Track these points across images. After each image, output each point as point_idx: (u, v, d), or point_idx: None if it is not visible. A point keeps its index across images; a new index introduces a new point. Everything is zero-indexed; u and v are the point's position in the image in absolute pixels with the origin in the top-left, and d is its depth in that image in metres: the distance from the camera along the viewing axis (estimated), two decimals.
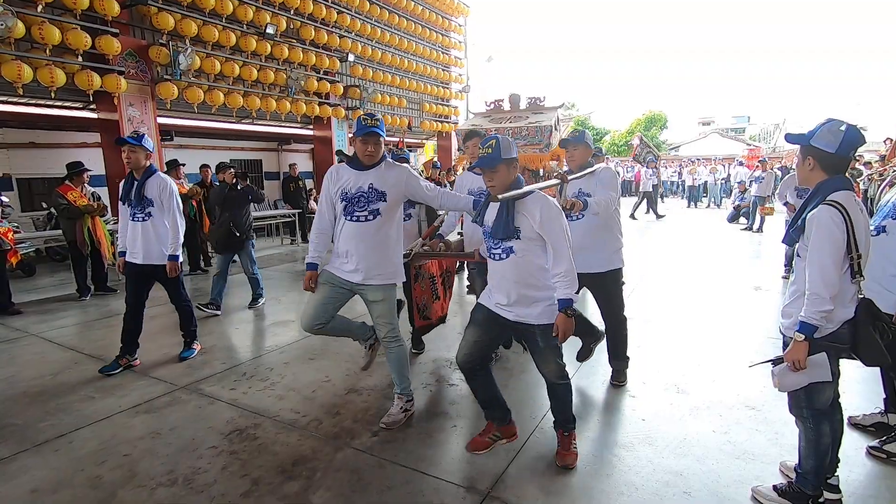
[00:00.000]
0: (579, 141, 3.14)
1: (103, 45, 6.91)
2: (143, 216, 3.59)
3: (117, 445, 2.68)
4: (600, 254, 3.14)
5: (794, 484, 2.11)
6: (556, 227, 2.24)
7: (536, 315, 2.32)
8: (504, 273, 2.34)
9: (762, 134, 41.50)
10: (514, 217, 2.26)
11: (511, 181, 2.29)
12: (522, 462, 2.48)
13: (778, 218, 12.09)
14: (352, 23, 11.20)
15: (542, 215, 2.23)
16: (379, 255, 2.73)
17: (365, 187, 2.69)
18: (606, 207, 2.98)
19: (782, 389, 2.02)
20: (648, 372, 3.52)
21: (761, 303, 5.22)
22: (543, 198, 2.30)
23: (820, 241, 1.84)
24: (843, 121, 1.90)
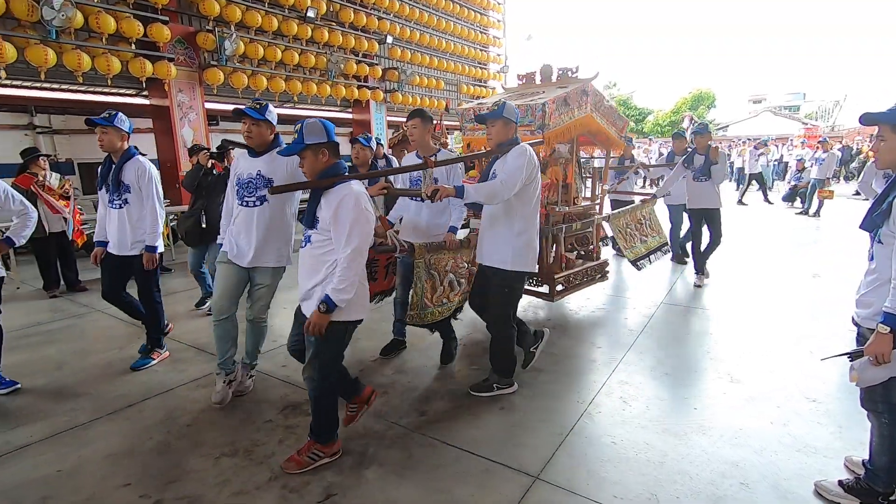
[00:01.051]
0: (496, 116, 2.74)
1: (154, 32, 7.14)
2: (119, 203, 3.27)
3: (181, 416, 2.84)
4: (493, 247, 2.83)
5: (862, 480, 2.02)
6: (344, 222, 2.12)
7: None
8: (305, 261, 2.32)
9: (819, 112, 38.95)
10: (317, 207, 2.22)
11: (321, 168, 2.23)
12: (571, 446, 2.47)
13: (839, 202, 11.39)
14: (390, 4, 11.13)
15: (337, 208, 2.13)
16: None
17: (252, 175, 2.84)
18: (491, 196, 2.64)
19: (861, 384, 1.90)
20: (700, 360, 3.43)
21: (819, 291, 4.96)
22: (348, 190, 2.17)
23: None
24: None
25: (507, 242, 2.77)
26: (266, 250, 2.90)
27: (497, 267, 2.80)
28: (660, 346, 3.67)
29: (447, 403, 2.92)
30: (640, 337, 3.86)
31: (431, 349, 3.72)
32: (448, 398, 2.98)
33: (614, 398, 2.93)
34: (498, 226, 2.81)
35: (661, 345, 3.71)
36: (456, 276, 3.31)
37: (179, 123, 8.03)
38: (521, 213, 2.77)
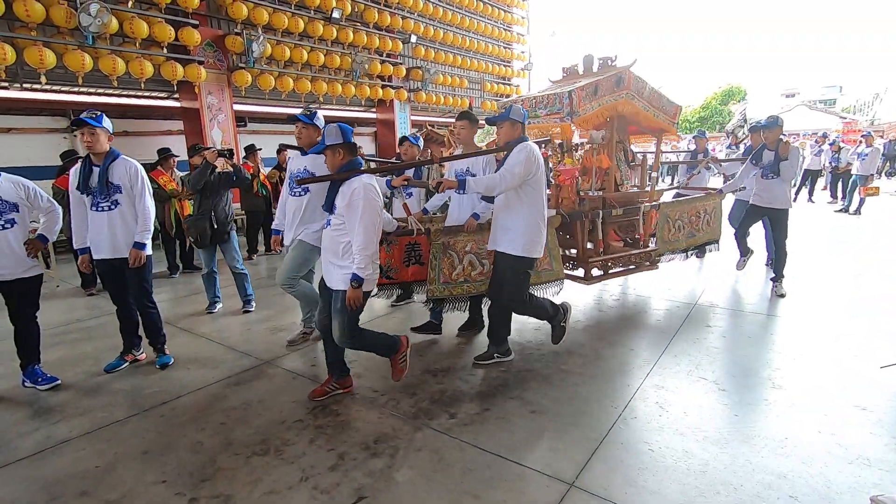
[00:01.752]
0: (503, 118, 3.08)
1: (185, 36, 7.31)
2: (108, 205, 3.19)
3: (213, 414, 2.87)
4: (505, 236, 3.12)
5: None
6: (356, 209, 2.55)
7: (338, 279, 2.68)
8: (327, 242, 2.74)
9: (858, 105, 37.39)
10: (335, 196, 2.65)
11: (339, 164, 2.67)
12: (606, 453, 2.40)
13: (881, 199, 10.88)
14: (414, 3, 11.14)
15: (350, 196, 2.57)
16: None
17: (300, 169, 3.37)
18: (489, 188, 2.92)
19: None
20: (739, 364, 3.30)
21: (862, 292, 4.73)
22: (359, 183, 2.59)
23: None
24: None
25: (518, 231, 3.05)
26: (304, 230, 3.43)
27: (510, 253, 3.08)
28: (696, 349, 3.55)
29: (477, 406, 2.88)
30: (674, 339, 3.74)
31: (461, 351, 3.68)
32: (478, 400, 2.94)
33: (650, 403, 2.84)
34: (509, 216, 3.09)
35: (697, 348, 3.58)
36: (477, 256, 3.58)
37: (209, 125, 8.20)
38: (528, 205, 3.04)
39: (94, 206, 3.22)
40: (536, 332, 3.98)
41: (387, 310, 4.74)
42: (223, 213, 4.61)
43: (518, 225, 3.05)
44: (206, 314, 4.72)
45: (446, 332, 4.03)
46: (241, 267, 4.75)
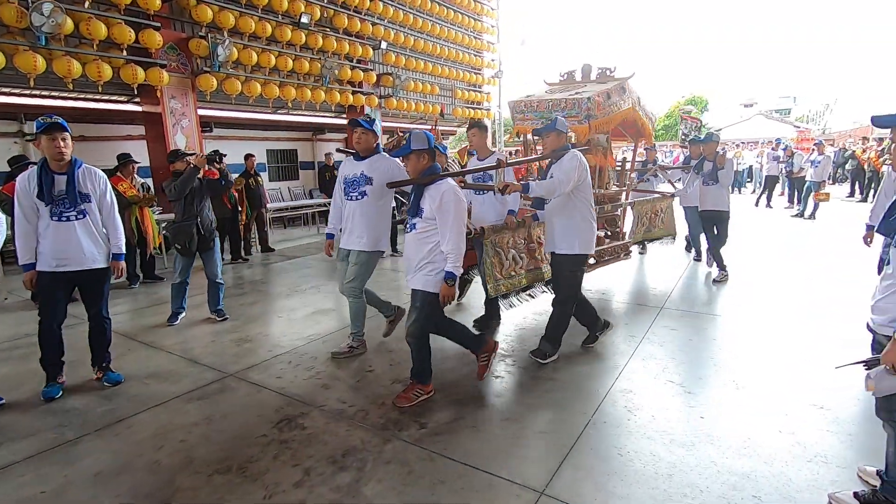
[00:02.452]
0: (550, 129, 3.36)
1: (146, 38, 7.07)
2: (76, 214, 3.03)
3: (173, 431, 2.74)
4: (562, 237, 3.36)
5: (879, 492, 1.96)
6: (450, 211, 2.66)
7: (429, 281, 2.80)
8: (413, 245, 2.84)
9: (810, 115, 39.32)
10: (421, 199, 2.78)
11: (422, 168, 2.78)
12: (576, 459, 2.40)
13: (833, 204, 11.42)
14: (384, 10, 11.11)
15: (440, 199, 2.68)
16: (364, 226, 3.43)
17: (357, 174, 3.42)
18: (549, 191, 3.19)
19: (878, 394, 1.84)
20: (704, 366, 3.37)
21: (817, 295, 4.92)
22: (447, 186, 2.75)
23: None
24: None
25: (574, 231, 3.31)
26: (362, 235, 3.43)
27: (566, 253, 3.33)
28: (663, 353, 3.62)
29: (448, 415, 2.84)
30: (642, 343, 3.80)
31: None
32: (449, 409, 2.91)
33: (619, 407, 2.87)
34: (563, 219, 3.33)
35: (665, 351, 3.65)
36: (517, 251, 3.81)
37: (172, 130, 7.95)
38: (580, 207, 3.31)
39: (57, 217, 3.01)
40: (507, 339, 3.98)
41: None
42: (208, 219, 4.52)
43: (573, 225, 3.31)
44: (167, 326, 4.53)
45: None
46: (221, 277, 4.65)
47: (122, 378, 3.38)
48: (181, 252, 4.43)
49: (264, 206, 8.26)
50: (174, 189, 4.28)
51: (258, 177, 8.17)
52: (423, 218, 2.74)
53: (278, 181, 12.48)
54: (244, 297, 5.50)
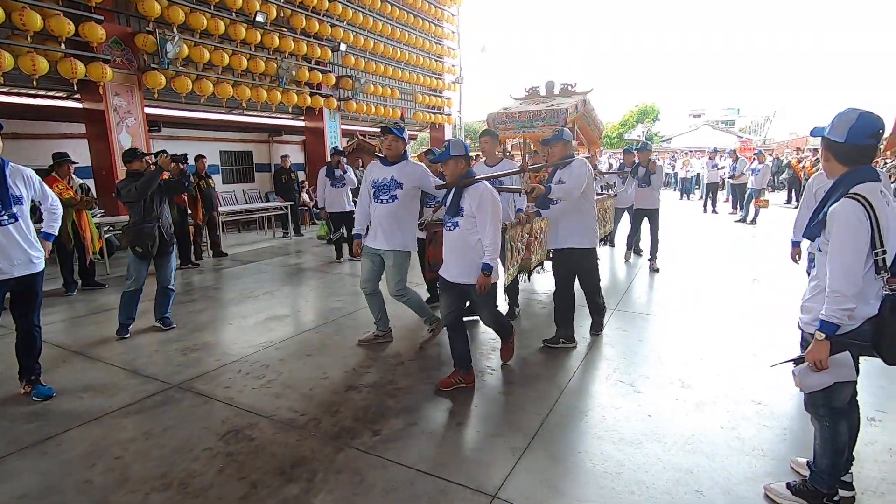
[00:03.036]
0: (557, 139, 3.77)
1: (87, 31, 6.71)
2: (7, 218, 2.87)
3: (108, 447, 2.58)
4: (569, 233, 3.76)
5: (808, 482, 2.07)
6: (487, 210, 2.94)
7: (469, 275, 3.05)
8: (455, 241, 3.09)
9: (752, 126, 41.71)
10: (460, 200, 3.03)
11: (460, 172, 3.04)
12: (529, 462, 2.42)
13: (773, 210, 12.14)
14: (343, 11, 10.99)
15: (480, 200, 2.96)
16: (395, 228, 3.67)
17: (387, 179, 3.63)
18: (567, 194, 3.57)
19: (805, 390, 1.95)
20: (652, 367, 3.48)
21: (760, 296, 5.20)
22: (485, 187, 3.03)
23: (842, 237, 1.75)
24: (858, 109, 1.80)
25: (585, 228, 3.74)
26: (394, 237, 3.64)
27: (579, 248, 3.75)
28: (614, 354, 3.71)
29: (402, 421, 2.81)
30: (593, 345, 3.89)
31: (386, 364, 3.60)
32: (404, 415, 2.87)
33: (571, 408, 2.92)
34: (574, 218, 3.73)
35: (616, 352, 3.75)
36: (522, 244, 4.04)
37: (116, 129, 7.56)
38: (587, 208, 3.74)
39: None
40: None
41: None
42: (167, 221, 4.34)
43: (584, 223, 3.74)
44: (108, 337, 4.28)
45: (377, 349, 3.94)
46: (173, 283, 4.45)
47: (52, 392, 3.15)
48: (141, 256, 4.17)
49: (216, 210, 7.97)
50: (135, 190, 4.03)
51: (210, 179, 7.88)
52: (465, 216, 3.01)
53: (232, 183, 12.09)
54: (193, 305, 5.27)
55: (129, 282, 4.19)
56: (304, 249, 8.61)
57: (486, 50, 20.54)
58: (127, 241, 4.17)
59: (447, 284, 3.14)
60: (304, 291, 5.82)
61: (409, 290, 3.85)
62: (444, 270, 3.16)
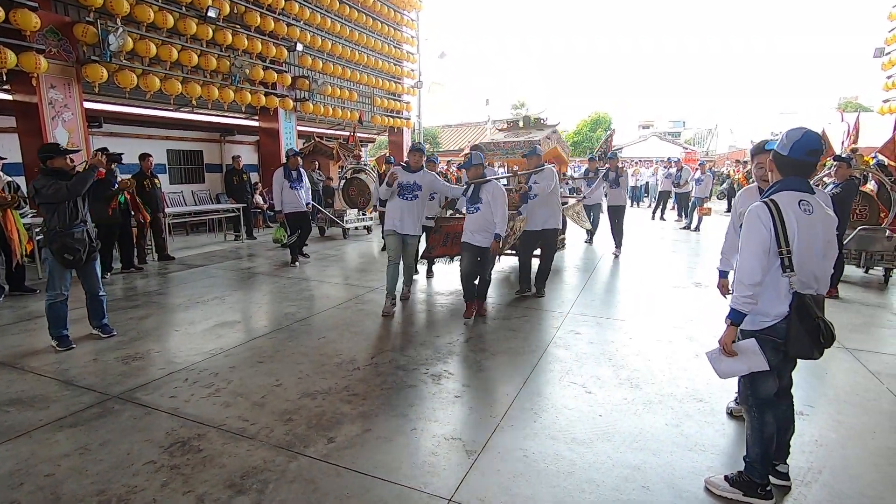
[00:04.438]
0: (532, 154, 5.45)
1: (19, 19, 6.27)
2: None
3: (37, 465, 2.40)
4: (542, 218, 5.34)
5: (743, 473, 2.20)
6: (499, 199, 4.48)
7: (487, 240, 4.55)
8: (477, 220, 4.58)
9: (696, 138, 44.03)
10: (479, 193, 4.56)
11: (479, 174, 4.63)
12: (484, 464, 2.44)
13: (714, 218, 12.84)
14: (300, 11, 10.79)
15: (493, 193, 4.49)
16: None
17: (411, 182, 4.92)
18: (542, 190, 5.23)
19: (720, 375, 2.17)
20: (602, 368, 3.60)
21: (703, 299, 5.49)
22: (497, 184, 4.62)
23: (746, 233, 2.00)
24: (805, 128, 2.01)
25: (554, 215, 5.40)
26: (415, 224, 4.99)
27: (553, 228, 5.39)
28: (567, 356, 3.81)
29: (358, 427, 2.77)
30: (548, 347, 3.98)
31: (341, 371, 3.54)
32: (359, 421, 2.83)
33: (526, 410, 2.97)
34: (548, 208, 5.34)
35: (569, 354, 3.85)
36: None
37: (51, 123, 7.08)
38: (555, 200, 5.42)
39: None
40: (421, 347, 3.99)
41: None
42: (91, 225, 4.04)
43: (553, 211, 5.38)
44: (43, 347, 3.99)
45: (329, 351, 3.87)
46: (104, 290, 4.22)
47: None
48: (71, 264, 3.88)
49: (162, 211, 7.60)
50: (66, 190, 3.73)
51: (156, 178, 7.51)
52: (483, 203, 4.50)
53: (181, 184, 11.57)
54: (135, 311, 5.00)
55: (54, 293, 3.89)
56: (256, 253, 8.35)
57: (444, 56, 20.67)
58: (54, 249, 3.79)
59: (469, 247, 4.63)
60: (257, 296, 5.64)
61: (413, 266, 5.42)
62: (467, 237, 4.64)
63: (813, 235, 1.97)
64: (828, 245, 2.01)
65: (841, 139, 9.91)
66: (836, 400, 3.14)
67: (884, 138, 10.11)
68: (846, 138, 10.24)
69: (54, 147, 3.99)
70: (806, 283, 2.00)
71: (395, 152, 15.26)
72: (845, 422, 2.86)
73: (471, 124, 31.44)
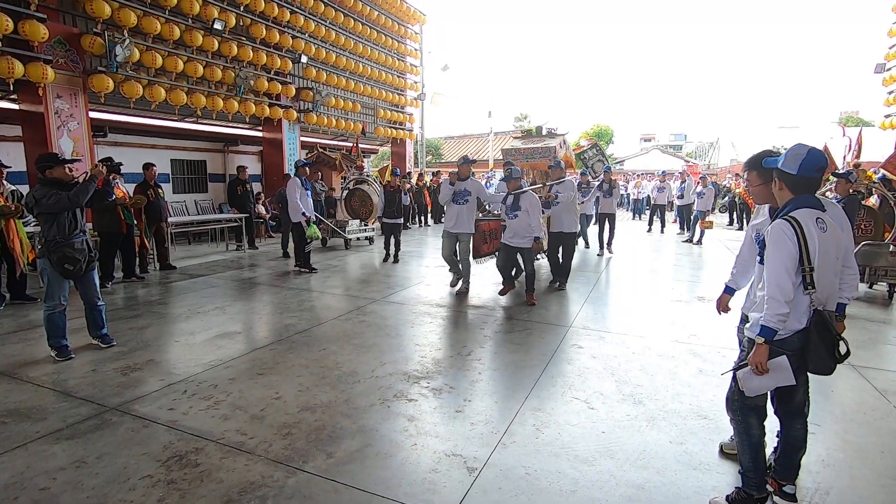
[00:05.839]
0: (556, 167, 6.68)
1: (28, 30, 6.35)
2: None
3: (33, 478, 2.37)
4: (563, 223, 6.40)
5: (741, 489, 2.18)
6: (535, 207, 5.45)
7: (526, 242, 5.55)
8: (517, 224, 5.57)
9: (698, 151, 44.16)
10: (518, 201, 5.51)
11: (517, 187, 5.61)
12: (485, 482, 2.40)
13: (718, 231, 12.81)
14: (305, 24, 10.92)
15: (530, 201, 5.45)
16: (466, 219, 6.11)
17: (462, 189, 6.02)
18: (565, 200, 6.29)
19: (749, 393, 2.12)
20: (605, 383, 3.56)
21: (706, 313, 5.45)
22: (532, 193, 5.58)
23: (774, 251, 1.98)
24: (807, 145, 2.03)
25: (573, 221, 6.48)
26: (466, 224, 6.03)
27: (570, 231, 6.43)
28: (570, 370, 3.78)
29: (357, 441, 2.74)
30: (551, 361, 3.95)
31: (342, 383, 3.51)
32: (359, 435, 2.80)
33: (527, 426, 2.93)
34: (567, 215, 6.39)
35: (571, 368, 3.81)
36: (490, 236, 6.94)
37: (56, 132, 7.14)
38: (574, 207, 6.49)
39: None
40: (422, 360, 3.96)
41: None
42: (88, 234, 4.06)
43: (572, 217, 6.45)
44: (42, 356, 3.97)
45: (329, 363, 3.85)
46: (102, 300, 4.21)
47: None
48: (71, 274, 3.87)
49: (165, 220, 7.61)
50: (67, 200, 3.73)
51: (159, 188, 7.54)
52: (522, 210, 5.44)
53: (184, 193, 11.62)
54: (136, 321, 4.98)
55: (52, 303, 3.87)
56: (258, 263, 8.34)
57: (448, 68, 20.85)
58: (54, 260, 3.77)
59: (507, 247, 5.67)
60: (258, 307, 5.62)
61: (468, 260, 6.15)
62: (507, 240, 5.65)
63: (829, 253, 2.00)
64: (837, 262, 2.04)
65: (843, 154, 9.92)
66: (843, 418, 3.10)
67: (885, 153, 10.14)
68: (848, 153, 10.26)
69: (53, 157, 4.00)
70: (820, 300, 2.01)
71: (398, 163, 15.33)
72: (853, 441, 2.81)
73: (473, 136, 31.62)
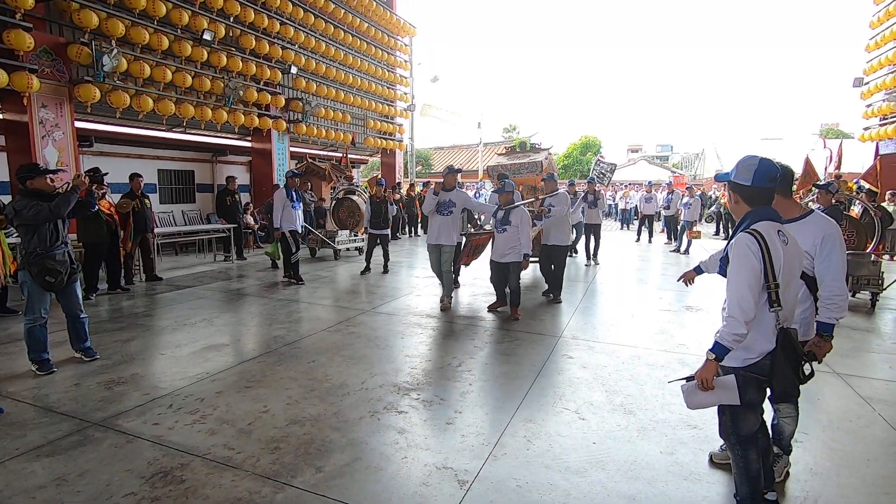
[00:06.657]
0: (549, 179, 6.73)
1: (13, 39, 6.29)
2: None
3: (12, 497, 2.30)
4: (555, 236, 6.35)
5: None
6: (525, 223, 5.36)
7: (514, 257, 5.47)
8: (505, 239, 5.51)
9: (684, 162, 44.85)
10: (508, 216, 5.42)
11: (509, 200, 5.50)
12: (476, 496, 2.38)
13: (705, 241, 12.98)
14: (295, 35, 10.96)
15: (520, 216, 5.38)
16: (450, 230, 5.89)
17: (447, 200, 5.81)
18: (558, 214, 6.26)
19: (690, 407, 2.09)
20: (596, 394, 3.56)
21: (694, 322, 5.50)
22: (523, 208, 5.53)
23: (737, 266, 1.89)
24: (757, 155, 1.98)
25: (565, 233, 6.42)
26: (450, 236, 5.83)
27: (562, 244, 6.37)
28: (560, 381, 3.78)
29: (347, 455, 2.70)
30: (542, 371, 3.95)
31: (331, 396, 3.47)
32: (348, 449, 2.76)
33: (518, 437, 2.92)
34: (560, 227, 6.35)
35: (562, 379, 3.81)
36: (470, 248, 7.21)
37: (41, 142, 7.05)
38: (566, 220, 6.44)
39: None
40: (412, 372, 3.93)
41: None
42: (69, 246, 3.99)
43: (564, 230, 6.41)
44: (22, 370, 3.88)
45: (318, 376, 3.80)
46: (85, 312, 4.13)
47: None
48: (52, 287, 3.80)
49: (151, 231, 7.52)
50: (49, 211, 3.66)
51: (146, 198, 7.46)
52: (511, 225, 5.37)
53: (171, 203, 11.50)
54: (120, 333, 4.89)
55: (33, 317, 3.79)
56: (246, 274, 8.26)
57: (437, 80, 21.03)
58: (35, 272, 3.70)
59: (497, 264, 5.60)
60: (245, 318, 5.56)
61: (451, 271, 5.96)
62: (495, 256, 5.58)
63: (793, 267, 1.95)
64: (797, 277, 1.99)
65: (824, 165, 10.14)
66: (830, 427, 3.13)
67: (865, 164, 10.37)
68: (829, 164, 10.48)
69: (34, 167, 3.93)
70: (785, 316, 1.94)
71: (388, 174, 15.35)
72: (839, 449, 2.84)
73: (462, 146, 31.82)
